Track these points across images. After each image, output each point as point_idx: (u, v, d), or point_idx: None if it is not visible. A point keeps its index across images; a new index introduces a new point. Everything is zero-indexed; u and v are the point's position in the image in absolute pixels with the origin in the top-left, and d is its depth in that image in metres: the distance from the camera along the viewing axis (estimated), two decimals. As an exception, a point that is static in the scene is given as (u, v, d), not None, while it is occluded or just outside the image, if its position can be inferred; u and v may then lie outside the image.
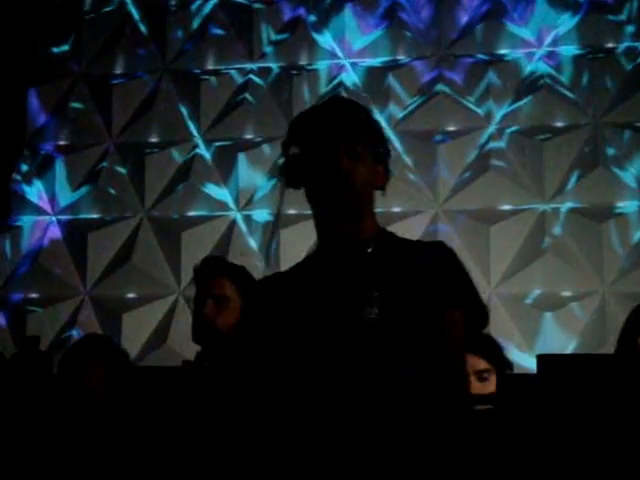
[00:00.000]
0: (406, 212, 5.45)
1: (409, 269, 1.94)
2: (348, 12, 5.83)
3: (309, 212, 1.97)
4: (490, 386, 2.71)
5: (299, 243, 5.38)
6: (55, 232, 5.90)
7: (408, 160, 5.57)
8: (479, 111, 5.58)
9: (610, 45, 5.52)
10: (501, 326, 5.28)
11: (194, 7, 6.07)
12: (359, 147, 1.98)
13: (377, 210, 2.03)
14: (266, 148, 5.75)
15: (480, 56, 5.65)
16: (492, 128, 5.54)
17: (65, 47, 6.16)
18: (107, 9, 6.17)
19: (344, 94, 5.67)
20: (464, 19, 5.71)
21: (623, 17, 5.53)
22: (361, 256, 1.98)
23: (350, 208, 1.98)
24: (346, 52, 5.82)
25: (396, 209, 5.45)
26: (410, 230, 5.01)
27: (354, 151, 1.97)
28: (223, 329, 2.91)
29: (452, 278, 1.96)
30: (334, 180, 1.95)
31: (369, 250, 1.99)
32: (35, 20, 6.12)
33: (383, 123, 5.64)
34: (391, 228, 5.32)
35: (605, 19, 5.55)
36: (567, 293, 5.28)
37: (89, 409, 2.59)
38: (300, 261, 2.12)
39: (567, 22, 5.60)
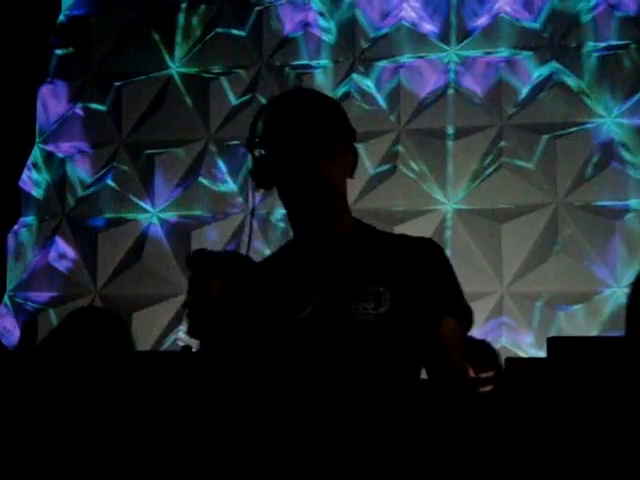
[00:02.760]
0: (416, 211, 5.43)
1: (400, 266, 1.86)
2: (358, 11, 5.81)
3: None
4: None
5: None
6: (66, 231, 5.89)
7: (419, 159, 5.54)
8: (491, 109, 5.55)
9: (622, 42, 5.48)
10: (514, 325, 5.25)
11: (204, 6, 6.06)
12: (332, 146, 1.89)
13: (388, 208, 1.98)
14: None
15: (491, 53, 5.62)
16: (504, 126, 5.51)
17: (75, 48, 6.17)
18: (117, 9, 6.17)
19: (354, 92, 5.66)
20: (475, 18, 5.69)
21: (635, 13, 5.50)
22: (343, 250, 1.90)
23: (329, 208, 1.91)
24: (355, 51, 5.80)
25: (406, 208, 5.43)
26: (420, 229, 4.99)
27: (328, 151, 1.88)
28: None
29: (446, 283, 1.89)
30: (313, 184, 1.87)
31: (348, 244, 1.90)
32: (46, 21, 6.13)
33: (393, 120, 5.63)
34: (401, 227, 5.29)
35: (618, 15, 5.51)
36: (580, 292, 5.24)
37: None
38: (272, 253, 2.03)
39: (579, 19, 5.56)
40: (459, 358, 1.82)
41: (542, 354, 4.87)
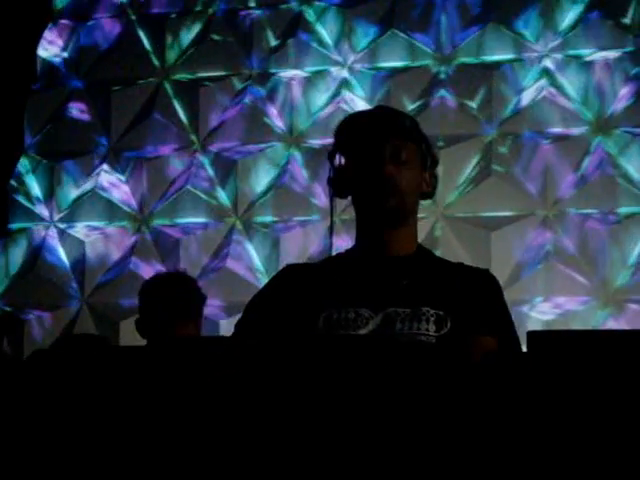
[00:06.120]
0: (407, 218, 5.40)
1: (459, 293, 1.93)
2: (349, 18, 5.79)
3: (307, 219, 1.89)
4: None
5: (298, 248, 5.35)
6: (53, 239, 5.86)
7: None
8: (480, 116, 5.53)
9: (613, 50, 5.47)
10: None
11: (194, 14, 6.04)
12: (404, 152, 1.96)
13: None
14: (265, 154, 5.71)
15: (482, 60, 5.61)
16: (493, 133, 5.49)
17: (64, 54, 6.15)
18: (106, 16, 6.15)
19: (344, 99, 5.64)
20: (464, 24, 5.67)
21: (627, 21, 5.48)
22: (405, 270, 1.95)
23: (395, 213, 1.96)
24: (346, 58, 5.77)
25: (397, 215, 5.40)
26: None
27: (399, 156, 1.95)
28: None
29: (497, 310, 1.96)
30: (379, 184, 1.93)
31: (406, 268, 1.96)
32: (35, 26, 6.11)
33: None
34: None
35: (608, 23, 5.50)
36: (571, 301, 5.21)
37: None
38: (332, 257, 2.06)
39: (569, 26, 5.55)
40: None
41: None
